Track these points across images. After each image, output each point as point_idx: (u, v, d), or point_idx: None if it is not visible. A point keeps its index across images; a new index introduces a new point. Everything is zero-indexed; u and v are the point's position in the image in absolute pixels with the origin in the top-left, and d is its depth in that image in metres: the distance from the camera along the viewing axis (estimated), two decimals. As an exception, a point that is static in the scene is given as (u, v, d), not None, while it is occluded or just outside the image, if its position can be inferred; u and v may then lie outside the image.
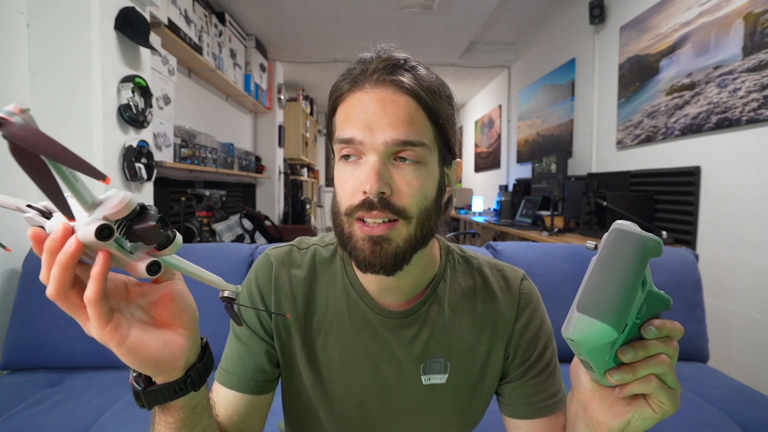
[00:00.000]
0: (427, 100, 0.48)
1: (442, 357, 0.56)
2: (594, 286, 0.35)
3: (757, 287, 1.65)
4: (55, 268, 0.31)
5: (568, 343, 0.36)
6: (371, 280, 0.55)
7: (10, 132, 0.25)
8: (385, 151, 0.46)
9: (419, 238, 0.49)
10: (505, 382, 0.59)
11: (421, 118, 0.48)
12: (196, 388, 0.39)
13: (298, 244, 0.61)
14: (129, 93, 1.53)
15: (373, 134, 0.46)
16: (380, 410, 0.57)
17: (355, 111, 0.48)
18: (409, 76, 0.48)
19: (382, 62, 0.48)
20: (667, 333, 0.37)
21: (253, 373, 0.56)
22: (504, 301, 0.58)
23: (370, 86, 0.48)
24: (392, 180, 0.47)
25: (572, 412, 0.45)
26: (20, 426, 0.98)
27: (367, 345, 0.56)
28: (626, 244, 0.36)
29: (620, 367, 0.37)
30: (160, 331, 0.37)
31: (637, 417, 0.38)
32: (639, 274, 0.35)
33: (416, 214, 0.48)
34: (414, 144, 0.46)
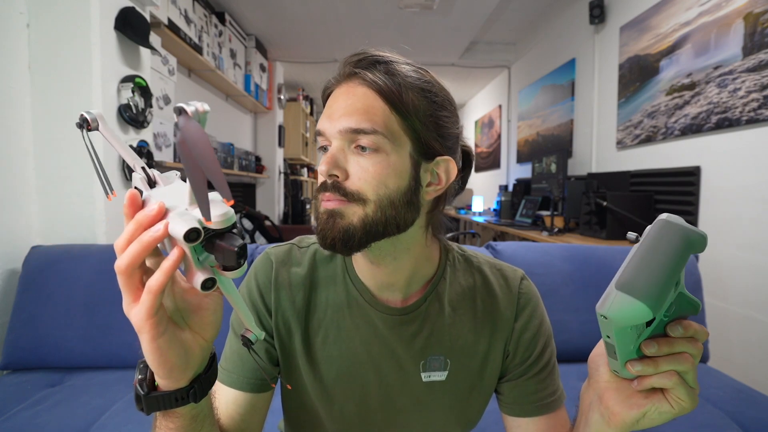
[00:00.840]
0: (388, 92, 0.48)
1: (442, 355, 0.56)
2: (635, 268, 0.36)
3: (757, 287, 1.65)
4: (135, 244, 0.31)
5: (599, 322, 0.37)
6: (368, 276, 0.56)
7: (183, 125, 0.28)
8: (341, 139, 0.49)
9: (376, 222, 0.48)
10: (504, 380, 0.59)
11: (379, 108, 0.48)
12: (197, 400, 0.39)
13: (299, 243, 0.61)
14: (129, 93, 1.53)
15: (332, 123, 0.49)
16: (380, 408, 0.57)
17: (327, 105, 0.52)
18: (374, 70, 0.49)
19: (353, 57, 0.51)
20: (692, 333, 0.37)
21: (252, 371, 0.56)
22: (504, 301, 0.59)
23: (343, 81, 0.51)
24: (348, 165, 0.49)
25: (586, 402, 0.45)
26: (20, 426, 0.98)
27: (367, 342, 0.56)
28: (671, 233, 0.36)
29: (642, 359, 0.38)
30: (185, 337, 0.37)
31: (654, 410, 0.39)
32: (680, 263, 0.35)
33: (373, 198, 0.48)
34: (366, 132, 0.48)
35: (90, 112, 0.34)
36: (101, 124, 0.34)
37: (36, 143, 1.42)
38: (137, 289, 0.33)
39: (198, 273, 0.32)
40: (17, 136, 1.37)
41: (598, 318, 0.37)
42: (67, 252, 1.33)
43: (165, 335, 0.34)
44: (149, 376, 0.38)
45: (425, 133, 0.50)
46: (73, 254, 1.32)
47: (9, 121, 1.34)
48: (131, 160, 0.35)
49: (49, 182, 1.43)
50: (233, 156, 3.40)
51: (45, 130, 1.42)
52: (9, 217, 1.34)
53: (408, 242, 0.53)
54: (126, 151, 0.35)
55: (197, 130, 0.28)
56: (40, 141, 1.42)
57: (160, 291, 0.32)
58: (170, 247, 0.33)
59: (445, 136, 0.52)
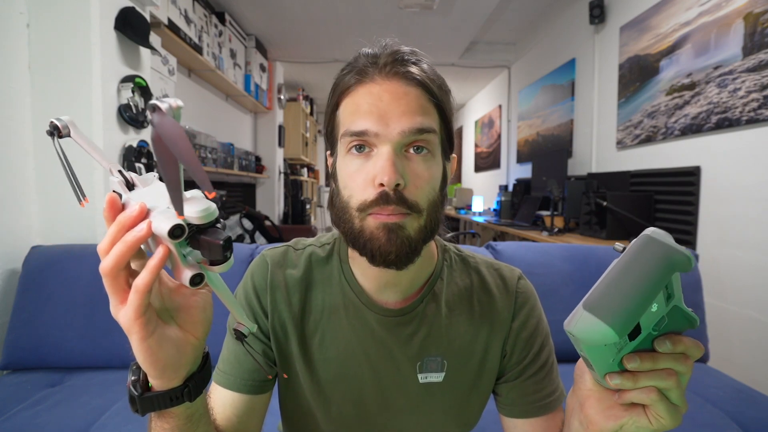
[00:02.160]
0: (436, 92, 0.49)
1: (439, 356, 0.56)
2: (606, 287, 0.35)
3: (757, 287, 1.65)
4: (119, 244, 0.31)
5: (569, 337, 0.36)
6: (369, 278, 0.55)
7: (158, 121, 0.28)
8: (399, 142, 0.46)
9: (429, 230, 0.49)
10: (502, 381, 0.59)
11: (431, 108, 0.48)
12: (192, 399, 0.39)
13: (294, 245, 0.61)
14: (129, 93, 1.53)
15: (388, 125, 0.46)
16: (378, 409, 0.57)
17: (365, 103, 0.47)
18: (417, 69, 0.48)
19: (390, 55, 0.48)
20: (682, 350, 0.36)
21: (249, 373, 0.55)
22: (501, 300, 0.59)
23: (380, 79, 0.47)
24: (406, 171, 0.46)
25: (570, 407, 0.45)
26: (20, 426, 0.98)
27: (364, 344, 0.56)
28: (651, 252, 0.34)
29: (622, 372, 0.36)
30: (176, 336, 0.37)
31: (632, 424, 0.38)
32: (657, 285, 0.34)
33: (425, 206, 0.47)
34: (428, 131, 0.47)
35: (60, 119, 0.34)
36: (73, 130, 0.34)
37: (36, 143, 1.42)
38: (123, 290, 0.33)
39: (185, 270, 0.32)
40: (17, 136, 1.37)
41: (567, 334, 0.36)
42: (67, 252, 1.33)
43: (155, 335, 0.34)
44: (142, 377, 0.38)
45: (452, 132, 0.52)
46: (73, 254, 1.32)
47: (9, 121, 1.34)
48: (107, 164, 0.35)
49: (49, 182, 1.43)
50: (233, 156, 3.40)
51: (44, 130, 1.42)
52: (9, 217, 1.34)
53: None
54: (100, 156, 0.35)
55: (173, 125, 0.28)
56: (40, 141, 1.42)
57: (148, 290, 0.32)
58: (154, 246, 0.33)
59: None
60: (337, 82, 0.51)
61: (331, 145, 0.53)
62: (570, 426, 0.44)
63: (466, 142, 6.71)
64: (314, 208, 6.14)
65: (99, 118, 1.43)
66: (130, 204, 0.33)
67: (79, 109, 1.42)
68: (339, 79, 0.51)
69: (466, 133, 6.74)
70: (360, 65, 0.49)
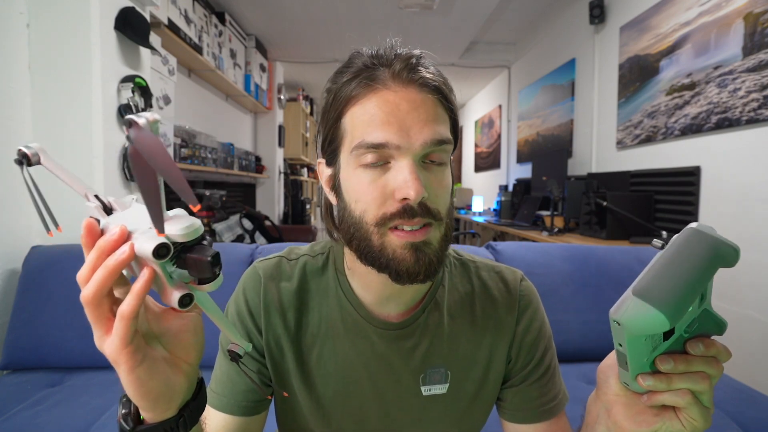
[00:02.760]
0: (449, 98, 0.47)
1: (442, 366, 0.54)
2: (655, 275, 0.34)
3: (757, 287, 1.65)
4: (101, 270, 0.30)
5: (612, 328, 0.35)
6: (371, 291, 0.53)
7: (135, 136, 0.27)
8: (419, 153, 0.44)
9: (448, 238, 0.47)
10: (506, 386, 0.58)
11: (446, 116, 0.47)
12: (188, 429, 0.36)
13: (287, 255, 0.58)
14: (129, 93, 1.53)
15: (410, 136, 0.43)
16: (379, 425, 0.55)
17: (382, 113, 0.44)
18: (430, 74, 0.46)
19: (404, 60, 0.45)
20: (714, 353, 0.35)
21: (243, 393, 0.53)
22: (504, 305, 0.57)
23: (395, 86, 0.44)
24: (428, 183, 0.44)
25: (594, 414, 0.43)
26: (20, 426, 0.98)
27: (364, 358, 0.54)
28: (700, 243, 0.34)
29: (655, 374, 0.36)
30: (167, 363, 0.34)
31: (665, 429, 0.37)
32: (705, 276, 0.33)
33: (445, 214, 0.46)
34: (447, 142, 0.45)
35: (29, 146, 0.32)
36: (43, 157, 0.33)
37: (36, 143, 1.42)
38: (107, 319, 0.31)
39: (173, 291, 0.31)
40: (17, 136, 1.37)
41: (611, 324, 0.35)
42: (67, 252, 1.33)
43: (144, 364, 0.32)
44: (133, 410, 0.35)
45: (457, 135, 0.51)
46: (73, 254, 1.32)
47: (9, 121, 1.34)
48: (82, 189, 0.33)
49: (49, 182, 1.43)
50: (233, 156, 3.40)
51: (45, 130, 1.42)
52: (9, 217, 1.34)
53: None
54: (74, 181, 0.33)
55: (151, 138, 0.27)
56: (40, 141, 1.41)
57: (133, 316, 0.30)
58: (138, 270, 0.31)
59: None
60: (339, 88, 0.47)
61: (332, 156, 0.49)
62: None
63: (466, 142, 6.71)
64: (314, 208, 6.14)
65: (99, 118, 1.43)
66: (109, 228, 0.31)
67: (79, 109, 1.42)
68: (341, 86, 0.46)
69: (466, 133, 6.74)
70: (366, 70, 0.45)
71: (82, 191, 0.33)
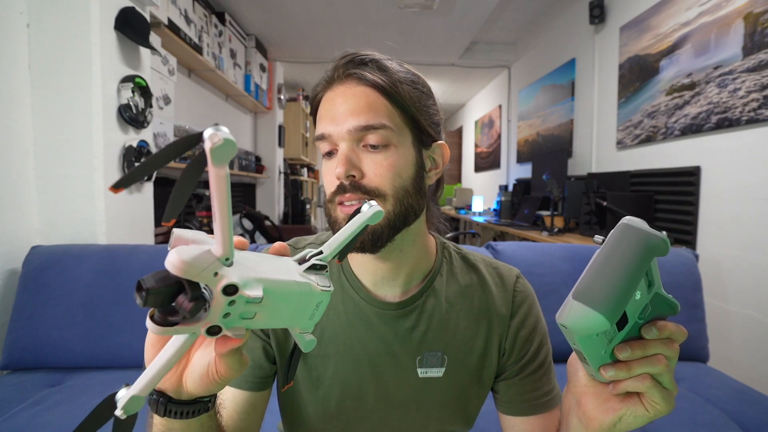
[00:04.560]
0: (387, 88, 0.51)
1: (439, 350, 0.56)
2: (592, 276, 0.35)
3: (757, 287, 1.65)
4: None
5: (561, 331, 0.36)
6: (366, 272, 0.56)
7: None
8: (351, 139, 0.50)
9: (398, 215, 0.51)
10: (500, 379, 0.60)
11: (381, 104, 0.51)
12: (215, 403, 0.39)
13: (294, 244, 0.62)
14: (129, 93, 1.53)
15: (338, 125, 0.50)
16: (377, 405, 0.57)
17: (324, 109, 0.53)
18: (368, 69, 0.51)
19: (342, 60, 0.52)
20: (668, 335, 0.37)
21: (250, 369, 0.56)
22: (499, 299, 0.59)
23: (336, 84, 0.52)
24: (362, 164, 0.50)
25: (566, 406, 0.45)
26: (20, 426, 0.98)
27: (363, 339, 0.56)
28: (631, 238, 0.36)
29: (616, 363, 0.37)
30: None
31: (629, 414, 0.38)
32: (640, 269, 0.35)
33: (391, 192, 0.50)
34: (375, 127, 0.50)
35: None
36: None
37: (36, 143, 1.42)
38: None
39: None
40: (17, 136, 1.37)
41: (560, 327, 0.36)
42: (67, 252, 1.33)
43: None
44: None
45: (422, 122, 0.53)
46: (73, 254, 1.32)
47: (9, 121, 1.34)
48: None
49: (49, 182, 1.43)
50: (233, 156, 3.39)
51: (45, 130, 1.42)
52: (9, 217, 1.34)
53: (414, 233, 0.55)
54: None
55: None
56: (40, 141, 1.42)
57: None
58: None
59: (436, 122, 0.56)
60: (312, 95, 0.57)
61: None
62: (569, 425, 0.44)
63: (466, 142, 6.71)
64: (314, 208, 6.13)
65: (99, 118, 1.43)
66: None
67: (79, 109, 1.42)
68: (312, 92, 0.56)
69: (466, 133, 6.74)
70: (326, 75, 0.54)
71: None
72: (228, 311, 0.27)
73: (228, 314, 0.27)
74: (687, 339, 0.37)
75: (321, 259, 0.34)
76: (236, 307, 0.27)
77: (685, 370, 1.32)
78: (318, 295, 0.32)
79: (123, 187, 0.25)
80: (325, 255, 0.34)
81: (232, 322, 0.28)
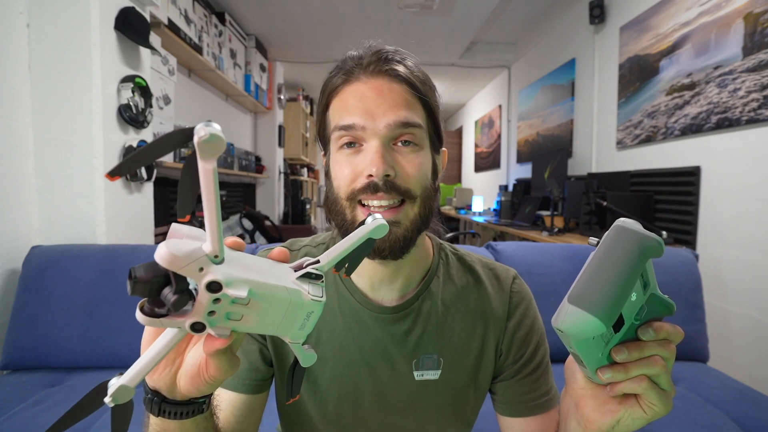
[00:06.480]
0: (420, 88, 0.51)
1: (435, 353, 0.56)
2: (587, 280, 0.35)
3: (757, 287, 1.65)
4: None
5: (558, 334, 0.36)
6: (364, 276, 0.56)
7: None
8: (386, 135, 0.48)
9: (423, 218, 0.51)
10: (498, 380, 0.59)
11: (416, 103, 0.51)
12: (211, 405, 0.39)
13: (290, 246, 0.61)
14: (129, 93, 1.53)
15: (374, 119, 0.48)
16: (374, 407, 0.57)
17: (353, 100, 0.50)
18: (401, 67, 0.51)
19: (374, 55, 0.51)
20: (665, 336, 0.37)
21: (247, 372, 0.56)
22: (496, 300, 0.59)
23: (365, 77, 0.50)
24: (395, 162, 0.48)
25: (565, 409, 0.45)
26: (20, 426, 0.98)
27: (360, 342, 0.56)
28: (625, 241, 0.35)
29: (613, 365, 0.37)
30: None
31: (628, 416, 0.38)
32: (635, 271, 0.35)
33: (420, 193, 0.50)
34: (414, 125, 0.49)
35: None
36: None
37: (36, 143, 1.42)
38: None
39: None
40: (17, 136, 1.37)
41: (556, 331, 0.36)
42: (67, 252, 1.33)
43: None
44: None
45: (440, 127, 0.54)
46: (73, 254, 1.32)
47: (9, 121, 1.34)
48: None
49: (49, 182, 1.43)
50: (233, 156, 3.40)
51: (45, 130, 1.42)
52: (9, 217, 1.34)
53: None
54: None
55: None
56: (40, 141, 1.42)
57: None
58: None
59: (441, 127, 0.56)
60: (326, 84, 0.53)
61: (324, 145, 0.55)
62: (567, 427, 0.44)
63: (466, 142, 6.71)
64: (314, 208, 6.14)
65: (99, 118, 1.43)
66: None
67: (79, 109, 1.42)
68: (327, 82, 0.53)
69: (466, 133, 6.74)
70: (346, 67, 0.51)
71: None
72: (213, 309, 0.27)
73: (213, 312, 0.28)
74: (687, 339, 0.37)
75: (317, 269, 0.33)
76: (221, 306, 0.27)
77: (685, 370, 1.31)
78: (308, 305, 0.31)
79: (119, 175, 0.25)
80: (322, 265, 0.33)
81: (217, 320, 0.28)
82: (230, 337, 0.30)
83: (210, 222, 0.26)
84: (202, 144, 0.24)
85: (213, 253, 0.27)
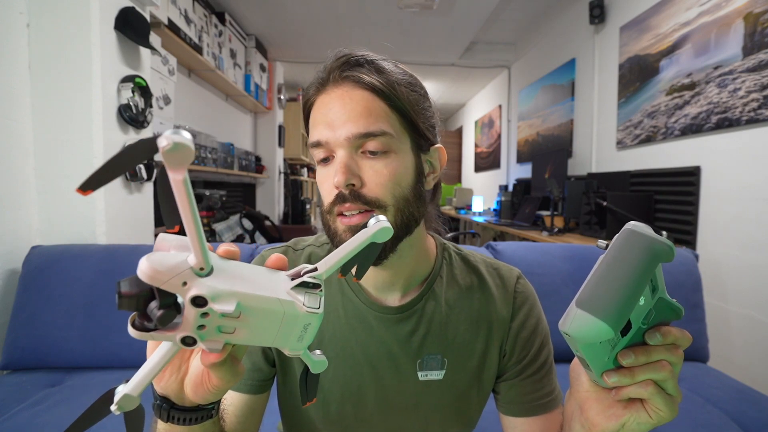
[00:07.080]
0: (385, 91, 0.48)
1: (438, 353, 0.56)
2: (596, 284, 0.35)
3: (757, 287, 1.65)
4: None
5: (564, 338, 0.36)
6: (367, 278, 0.56)
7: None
8: (349, 146, 0.47)
9: (400, 226, 0.49)
10: (501, 380, 0.59)
11: (380, 109, 0.48)
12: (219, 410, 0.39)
13: (294, 245, 0.61)
14: (129, 93, 1.53)
15: (335, 131, 0.47)
16: (377, 408, 0.57)
17: (319, 114, 0.50)
18: (364, 71, 0.49)
19: (337, 61, 0.50)
20: (672, 340, 0.36)
21: (249, 372, 0.56)
22: (500, 300, 0.59)
23: (331, 86, 0.49)
24: (361, 172, 0.48)
25: (569, 411, 0.45)
26: (20, 426, 0.98)
27: (363, 342, 0.56)
28: (635, 245, 0.35)
29: (619, 369, 0.37)
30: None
31: (633, 421, 0.38)
32: (645, 276, 0.34)
33: (391, 202, 0.48)
34: (374, 134, 0.47)
35: None
36: None
37: (36, 143, 1.42)
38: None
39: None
40: (17, 136, 1.37)
41: (563, 335, 0.36)
42: (67, 252, 1.33)
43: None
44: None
45: (420, 126, 0.51)
46: (73, 254, 1.32)
47: (9, 121, 1.34)
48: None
49: (49, 182, 1.43)
50: (233, 156, 3.40)
51: (45, 130, 1.42)
52: (9, 217, 1.34)
53: (412, 239, 0.53)
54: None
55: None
56: (40, 141, 1.42)
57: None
58: None
59: (432, 125, 0.54)
60: (304, 98, 0.53)
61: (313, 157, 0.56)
62: (572, 430, 0.44)
63: (466, 142, 6.71)
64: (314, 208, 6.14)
65: (99, 118, 1.43)
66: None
67: (79, 109, 1.42)
68: (304, 96, 0.53)
69: (466, 133, 6.74)
70: (318, 77, 0.51)
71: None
72: (202, 323, 0.27)
73: (203, 326, 0.27)
74: (687, 339, 0.37)
75: (315, 277, 0.31)
76: (211, 320, 0.27)
77: (685, 370, 1.32)
78: (304, 317, 0.30)
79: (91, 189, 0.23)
80: (320, 273, 0.31)
81: (208, 334, 0.28)
82: (224, 351, 0.29)
83: (191, 234, 0.25)
84: (166, 154, 0.22)
85: (198, 266, 0.26)
